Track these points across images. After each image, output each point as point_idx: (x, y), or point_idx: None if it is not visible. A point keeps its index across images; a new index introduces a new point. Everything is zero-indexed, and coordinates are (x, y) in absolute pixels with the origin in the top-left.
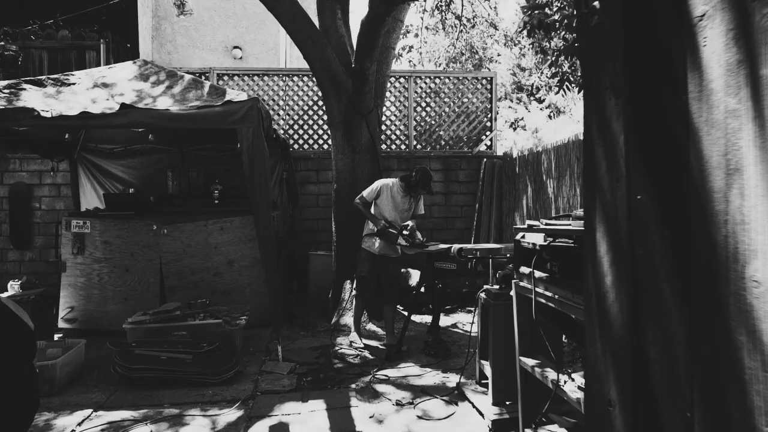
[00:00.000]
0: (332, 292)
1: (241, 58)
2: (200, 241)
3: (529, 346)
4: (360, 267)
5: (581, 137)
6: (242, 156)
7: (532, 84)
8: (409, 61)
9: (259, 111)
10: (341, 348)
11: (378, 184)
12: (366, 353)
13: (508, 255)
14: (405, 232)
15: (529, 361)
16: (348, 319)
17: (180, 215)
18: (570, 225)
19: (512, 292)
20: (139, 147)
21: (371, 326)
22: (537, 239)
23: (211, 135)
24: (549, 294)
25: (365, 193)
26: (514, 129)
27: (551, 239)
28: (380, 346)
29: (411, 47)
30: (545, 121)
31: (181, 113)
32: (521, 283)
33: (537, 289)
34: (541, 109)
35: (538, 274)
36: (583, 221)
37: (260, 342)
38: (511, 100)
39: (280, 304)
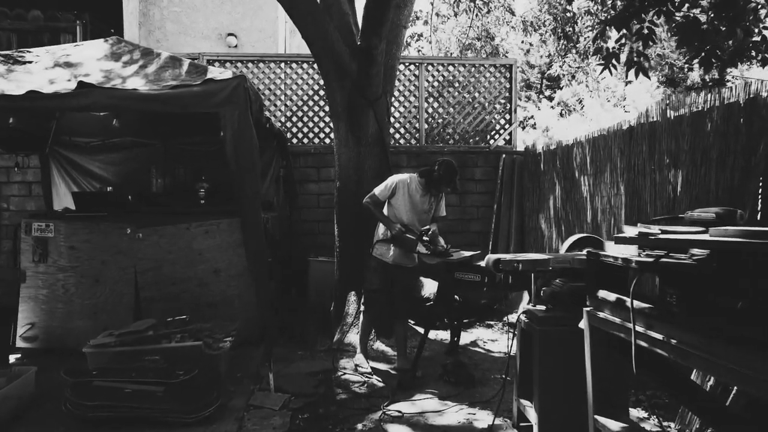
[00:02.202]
0: (334, 305)
1: (236, 46)
2: (182, 247)
3: (608, 399)
4: (370, 279)
5: (625, 125)
6: (225, 145)
7: (543, 74)
8: (418, 50)
9: (246, 91)
10: (345, 373)
11: (393, 180)
12: (374, 379)
13: (550, 267)
14: (425, 238)
15: (612, 424)
16: (353, 336)
17: (159, 217)
18: (707, 234)
19: (583, 324)
20: (118, 141)
21: (379, 345)
22: (628, 252)
23: (199, 125)
24: (656, 336)
25: (377, 190)
26: (524, 128)
27: (660, 254)
28: (390, 371)
29: (420, 35)
30: (556, 119)
31: (151, 94)
32: (601, 314)
33: (637, 328)
34: (552, 107)
35: (638, 305)
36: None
37: (250, 364)
38: (520, 98)
39: (272, 320)
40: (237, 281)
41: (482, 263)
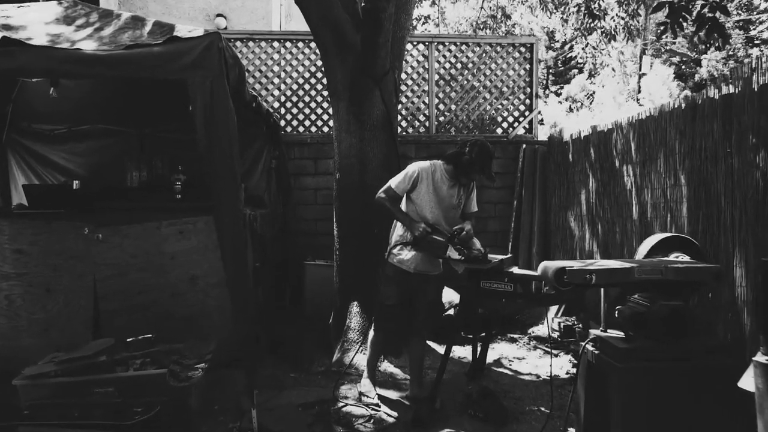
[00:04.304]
0: (334, 316)
1: (225, 28)
2: (151, 250)
3: None
4: (386, 290)
5: (684, 103)
6: (195, 122)
7: (549, 69)
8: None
9: (220, 53)
10: (347, 404)
11: (414, 168)
12: (382, 413)
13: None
14: (457, 240)
15: None
16: (355, 355)
17: (123, 214)
18: None
19: (752, 383)
20: (87, 128)
21: (387, 366)
22: None
23: (181, 109)
24: None
25: (394, 182)
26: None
27: None
28: (402, 400)
29: (427, 17)
30: (564, 114)
31: (97, 55)
32: None
33: None
34: (560, 102)
35: None
36: None
37: (230, 392)
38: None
39: (254, 340)
40: (217, 290)
41: (515, 270)
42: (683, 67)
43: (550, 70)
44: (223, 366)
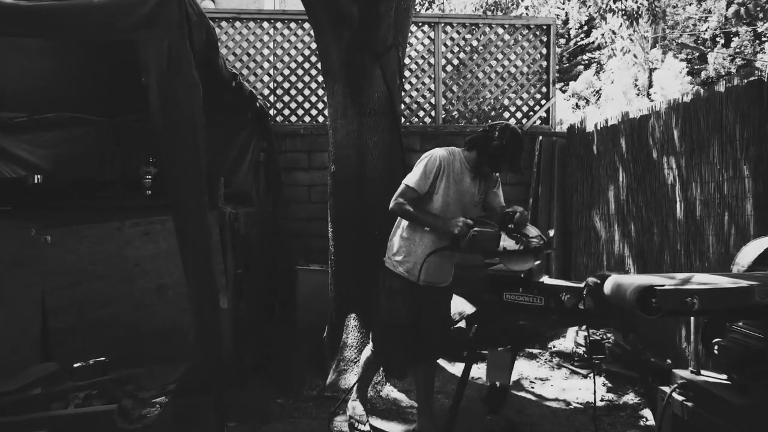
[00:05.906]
0: (328, 331)
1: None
2: (112, 254)
3: None
4: (390, 305)
5: (744, 80)
6: (149, 97)
7: (561, 54)
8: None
9: (181, 6)
10: None
11: (434, 157)
12: None
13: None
14: (511, 226)
15: None
16: (352, 378)
17: (78, 213)
18: None
19: None
20: (52, 117)
21: (389, 391)
22: None
23: None
24: None
25: (412, 180)
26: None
27: None
28: None
29: (431, 2)
30: (570, 112)
31: (16, 6)
32: None
33: None
34: (565, 99)
35: None
36: None
37: (201, 426)
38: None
39: (223, 365)
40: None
41: (545, 279)
42: (687, 64)
43: (555, 67)
44: (195, 393)
